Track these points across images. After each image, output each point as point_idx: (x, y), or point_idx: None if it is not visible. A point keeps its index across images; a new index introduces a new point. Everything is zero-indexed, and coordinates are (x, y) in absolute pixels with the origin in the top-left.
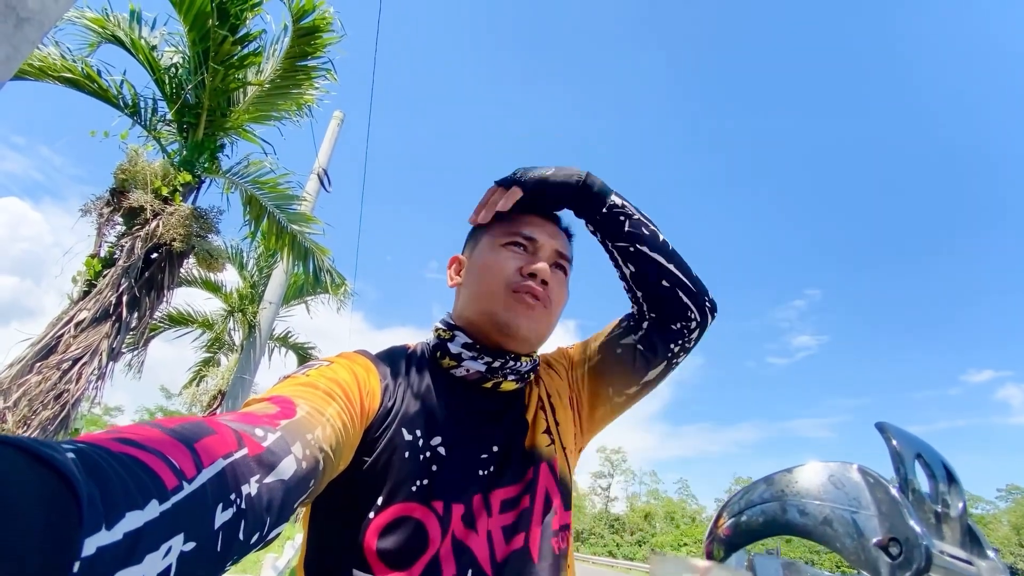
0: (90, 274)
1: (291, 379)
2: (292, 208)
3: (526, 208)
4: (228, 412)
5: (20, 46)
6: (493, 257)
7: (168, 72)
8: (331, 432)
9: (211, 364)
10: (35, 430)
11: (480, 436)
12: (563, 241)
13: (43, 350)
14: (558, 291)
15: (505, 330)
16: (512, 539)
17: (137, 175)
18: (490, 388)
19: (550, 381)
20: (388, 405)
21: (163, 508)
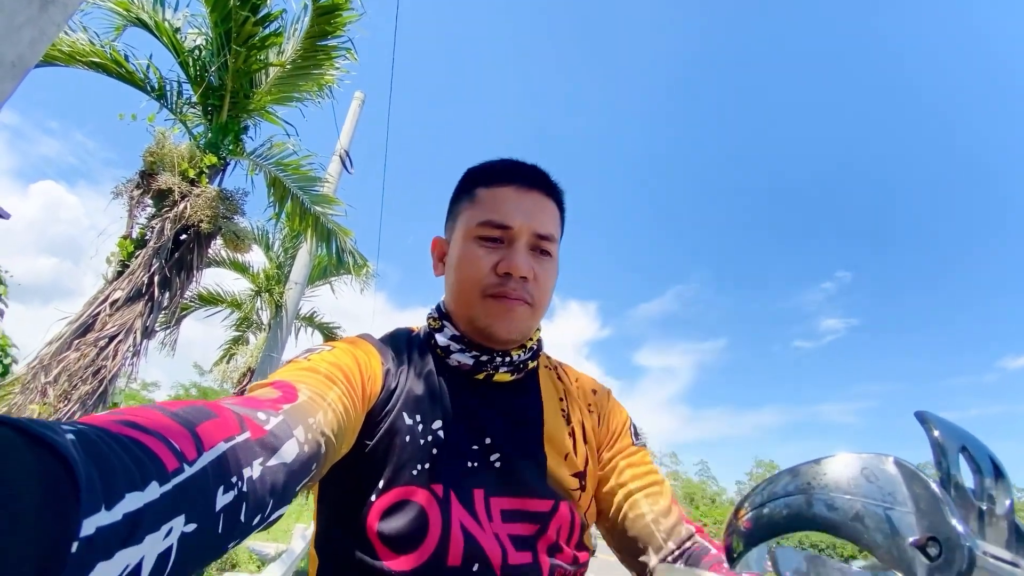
0: (123, 255)
1: (293, 363)
2: (315, 190)
3: (502, 176)
4: (231, 396)
5: (46, 29)
6: (465, 255)
7: (192, 54)
8: (332, 416)
9: (240, 343)
10: (75, 404)
11: (473, 426)
12: (545, 215)
13: (80, 328)
14: (543, 278)
15: (487, 336)
16: (520, 551)
17: (165, 157)
18: (483, 379)
19: (578, 408)
20: (390, 388)
21: (164, 490)
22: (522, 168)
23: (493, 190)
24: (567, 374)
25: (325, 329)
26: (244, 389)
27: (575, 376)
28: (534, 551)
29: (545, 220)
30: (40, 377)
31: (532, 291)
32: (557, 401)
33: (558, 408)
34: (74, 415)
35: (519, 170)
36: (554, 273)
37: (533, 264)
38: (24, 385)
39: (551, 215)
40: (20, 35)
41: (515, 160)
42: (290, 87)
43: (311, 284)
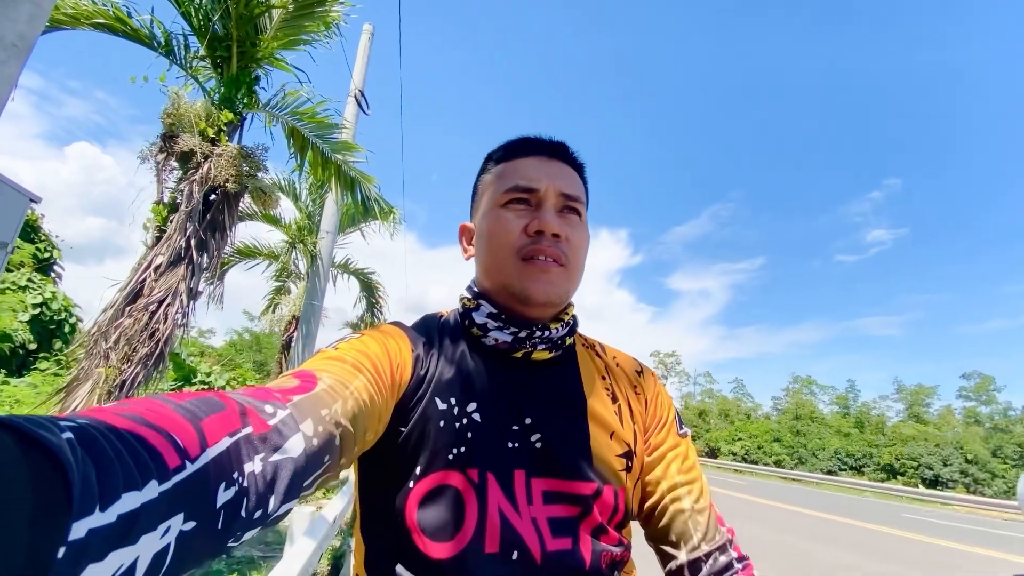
0: (158, 220)
1: (321, 353)
2: (334, 137)
3: (522, 149)
4: (244, 388)
5: (42, 2)
6: (495, 222)
7: (192, 3)
8: (353, 405)
9: (282, 292)
10: (137, 365)
11: (512, 406)
12: (569, 178)
13: (130, 295)
14: (575, 239)
15: (524, 299)
16: (560, 537)
17: (182, 117)
18: (521, 358)
19: (622, 387)
20: (420, 375)
21: (163, 488)
22: (542, 140)
23: (515, 162)
24: (605, 352)
25: (360, 275)
26: (291, 337)
27: (613, 354)
28: (575, 536)
29: (571, 183)
30: (101, 343)
31: (565, 250)
32: (599, 378)
33: (601, 385)
34: (137, 376)
35: (539, 142)
36: (585, 236)
37: (563, 224)
38: (88, 350)
39: (576, 181)
40: (18, 12)
41: (534, 135)
42: (296, 29)
43: (342, 232)
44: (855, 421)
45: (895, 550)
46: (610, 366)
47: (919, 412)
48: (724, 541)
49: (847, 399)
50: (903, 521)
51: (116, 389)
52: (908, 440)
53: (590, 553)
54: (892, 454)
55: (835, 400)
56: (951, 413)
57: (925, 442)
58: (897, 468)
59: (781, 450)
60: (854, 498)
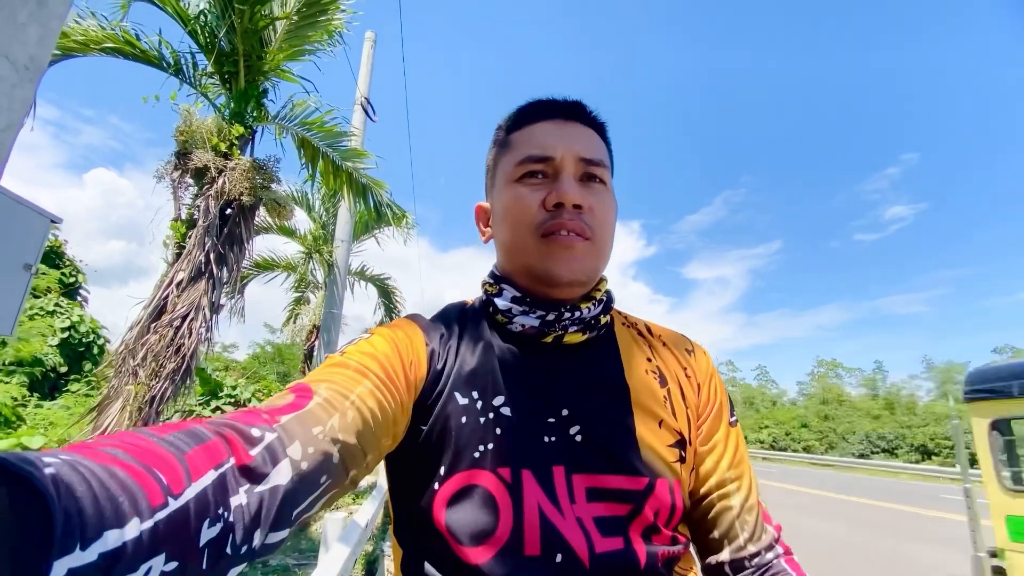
0: (177, 237)
1: (328, 360)
2: (343, 145)
3: (534, 114)
4: (233, 412)
5: (49, 23)
6: (511, 199)
7: (198, 21)
8: (355, 415)
9: (302, 302)
10: (165, 380)
11: (546, 397)
12: (589, 141)
13: (154, 311)
14: (600, 209)
15: (548, 280)
16: (609, 537)
17: (195, 134)
18: (551, 343)
19: (672, 368)
20: (437, 369)
21: (144, 527)
22: (555, 102)
23: (528, 129)
24: (651, 331)
25: (376, 281)
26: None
27: (659, 332)
28: (626, 536)
29: (591, 146)
30: (129, 360)
31: (589, 222)
32: (644, 360)
33: (646, 367)
34: (166, 391)
35: (552, 104)
36: (612, 205)
37: (585, 193)
38: (116, 369)
39: (595, 142)
40: (27, 34)
41: (546, 97)
42: (300, 40)
43: (356, 239)
44: (885, 402)
45: (939, 532)
46: (655, 346)
47: (951, 390)
48: (771, 540)
49: (875, 380)
50: (943, 502)
51: (146, 405)
52: (942, 419)
53: (645, 554)
54: (926, 434)
55: (863, 382)
56: None
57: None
58: (932, 448)
59: (810, 436)
60: (889, 481)
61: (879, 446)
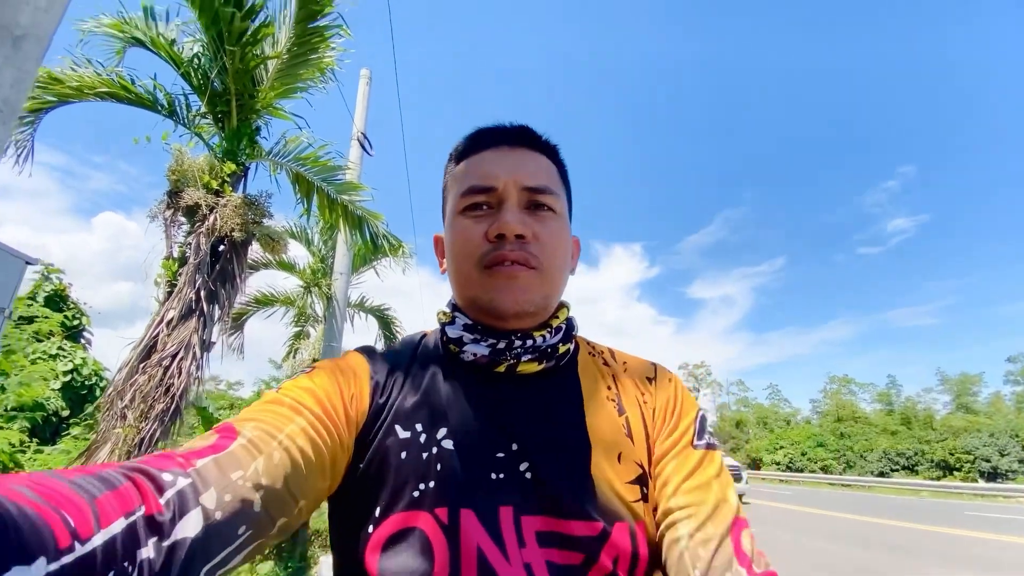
0: (168, 275)
1: (263, 396)
2: (338, 179)
3: (479, 143)
4: (148, 455)
5: (24, 66)
6: (456, 231)
7: (191, 64)
8: (282, 457)
9: (302, 337)
10: (154, 422)
11: (494, 430)
12: (534, 168)
13: (144, 351)
14: (546, 236)
15: (493, 312)
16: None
17: (187, 173)
18: (504, 372)
19: (634, 397)
20: (379, 403)
21: (51, 568)
22: (498, 128)
23: (473, 158)
24: (615, 358)
25: (377, 312)
26: None
27: (623, 359)
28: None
29: (534, 171)
30: (117, 402)
31: (535, 252)
32: (605, 389)
33: (605, 397)
34: (155, 433)
35: (495, 131)
36: (561, 232)
37: (530, 222)
38: (105, 412)
39: (543, 167)
40: (1, 78)
41: (492, 125)
42: (292, 78)
43: (355, 271)
44: (901, 418)
45: (966, 552)
46: (617, 374)
47: (967, 402)
48: None
49: (890, 395)
50: (967, 520)
51: (135, 448)
52: (960, 433)
53: None
54: (945, 449)
55: (877, 397)
56: (1001, 400)
57: (978, 433)
58: (952, 464)
59: (826, 455)
60: (910, 499)
61: (898, 463)
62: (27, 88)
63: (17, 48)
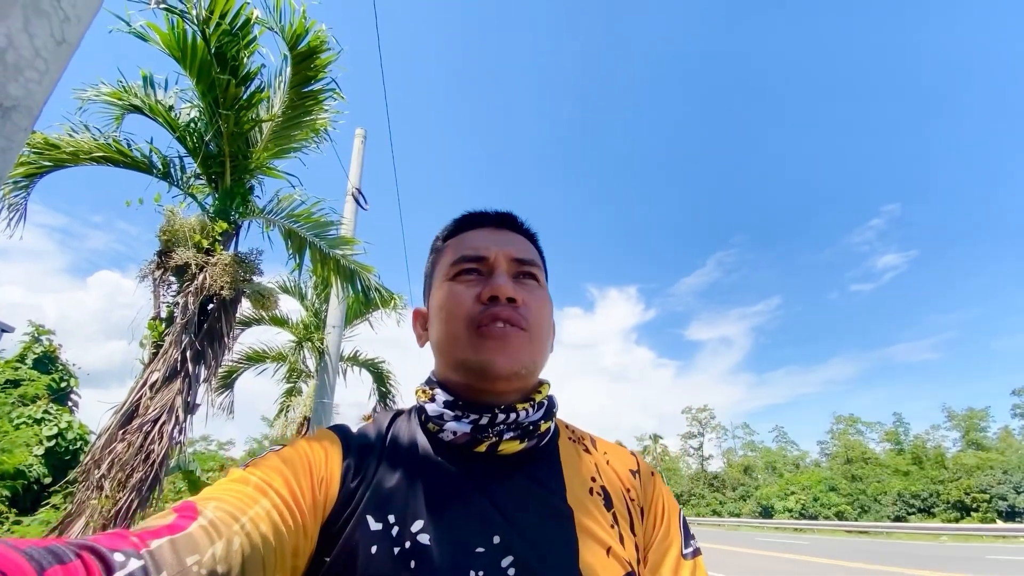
0: (155, 336)
1: (230, 473)
2: (331, 234)
3: (468, 223)
4: (100, 533)
5: (12, 136)
6: (446, 295)
7: (187, 128)
8: (243, 542)
9: (294, 393)
10: (131, 492)
11: (474, 520)
12: (521, 244)
13: (125, 416)
14: (534, 303)
15: (484, 374)
16: None
17: (178, 233)
18: (485, 452)
19: (618, 490)
20: (350, 488)
21: None
22: (487, 212)
23: (462, 236)
24: (596, 445)
25: (370, 365)
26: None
27: (605, 448)
28: None
29: (522, 248)
30: (94, 471)
31: (524, 314)
32: (589, 479)
33: (591, 486)
34: (132, 504)
35: (484, 215)
36: (545, 302)
37: (519, 288)
38: (82, 481)
39: (528, 247)
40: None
41: (479, 209)
42: (286, 139)
43: (349, 324)
44: (912, 457)
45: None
46: (600, 463)
47: (977, 438)
48: None
49: (898, 434)
50: (989, 564)
51: (111, 521)
52: (973, 471)
53: None
54: (960, 489)
55: (885, 436)
56: (1010, 435)
57: (991, 471)
58: (969, 504)
59: (840, 500)
60: (931, 544)
61: (914, 506)
62: (13, 158)
63: (6, 119)
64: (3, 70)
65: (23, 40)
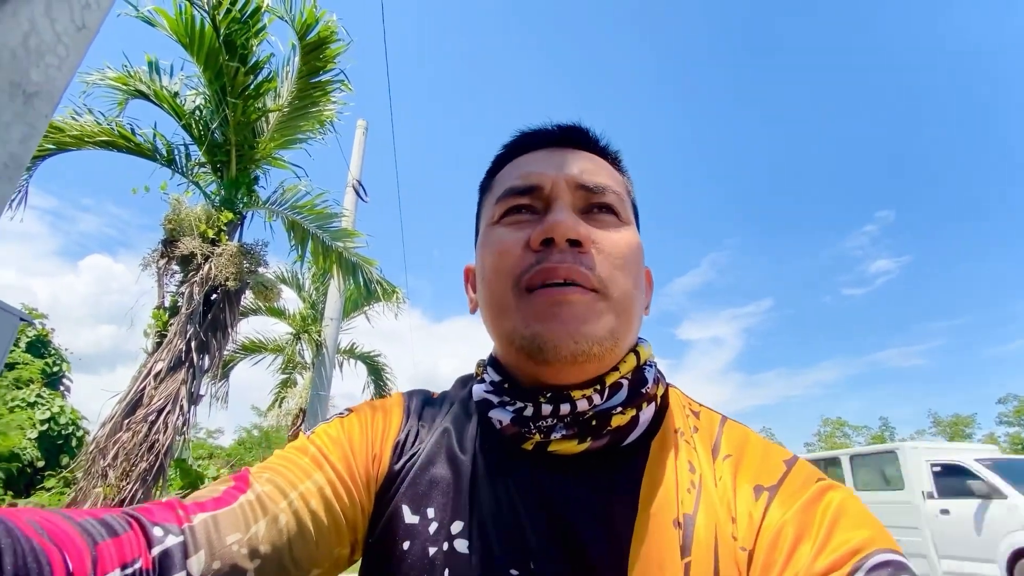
0: (159, 325)
1: (294, 442)
2: (333, 226)
3: (522, 146)
4: (153, 502)
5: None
6: (488, 244)
7: (193, 116)
8: (288, 521)
9: (288, 385)
10: (135, 482)
11: (514, 534)
12: (591, 164)
13: (129, 406)
14: (610, 246)
15: (537, 354)
16: None
17: (183, 222)
18: (532, 451)
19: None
20: (395, 469)
21: None
22: (546, 129)
23: (513, 163)
24: (724, 443)
25: (367, 358)
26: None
27: (735, 449)
28: None
29: (591, 169)
30: (99, 460)
31: (594, 266)
32: (673, 501)
33: (673, 514)
34: (136, 493)
35: (543, 131)
36: (632, 242)
37: (587, 227)
38: (86, 470)
39: (603, 167)
40: (9, 134)
41: (534, 127)
42: (292, 130)
43: (346, 317)
44: None
45: None
46: (706, 479)
47: None
48: None
49: (883, 438)
50: None
51: None
52: None
53: None
54: None
55: (871, 440)
56: (995, 441)
57: None
58: None
59: None
60: None
61: None
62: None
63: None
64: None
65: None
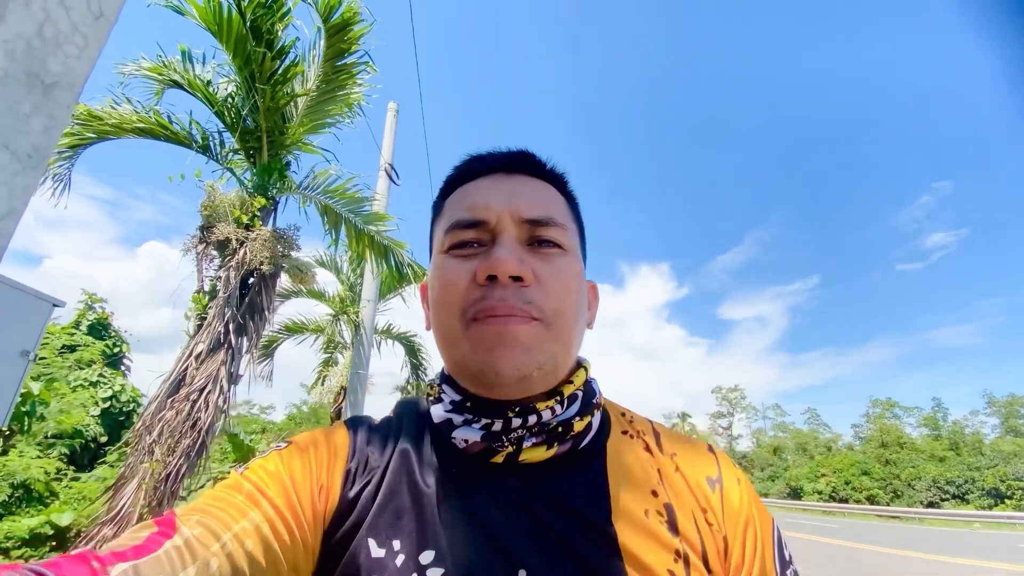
0: (199, 308)
1: (222, 481)
2: (365, 210)
3: (469, 172)
4: (61, 556)
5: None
6: (440, 276)
7: (225, 103)
8: (220, 566)
9: (330, 364)
10: (180, 457)
11: (494, 553)
12: (536, 195)
13: (173, 385)
14: (551, 279)
15: (485, 380)
16: None
17: (218, 208)
18: (503, 464)
19: (688, 506)
20: (349, 498)
21: None
22: (493, 155)
23: (461, 190)
24: (661, 443)
25: (403, 339)
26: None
27: (674, 450)
28: None
29: (536, 201)
30: (145, 437)
31: (535, 299)
32: (647, 493)
33: (648, 505)
34: (181, 468)
35: (489, 158)
36: (571, 272)
37: (531, 260)
38: (133, 446)
39: (547, 196)
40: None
41: (484, 152)
42: (321, 114)
43: (382, 298)
44: (949, 443)
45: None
46: (665, 470)
47: (1016, 425)
48: None
49: (936, 419)
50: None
51: (161, 483)
52: (1010, 458)
53: None
54: (996, 476)
55: (923, 422)
56: None
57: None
58: (1004, 491)
59: (872, 484)
60: (963, 531)
61: (948, 492)
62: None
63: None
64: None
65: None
